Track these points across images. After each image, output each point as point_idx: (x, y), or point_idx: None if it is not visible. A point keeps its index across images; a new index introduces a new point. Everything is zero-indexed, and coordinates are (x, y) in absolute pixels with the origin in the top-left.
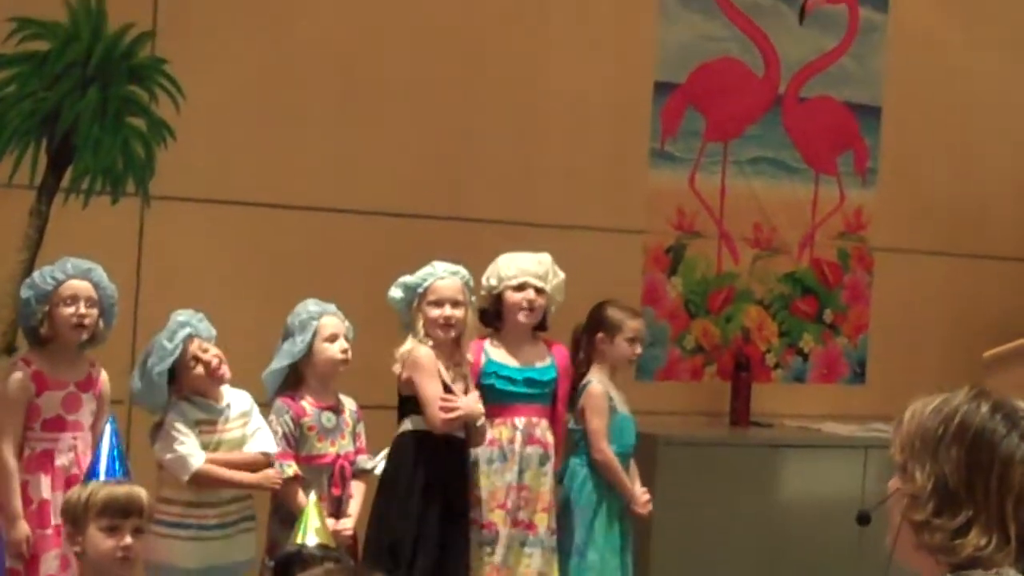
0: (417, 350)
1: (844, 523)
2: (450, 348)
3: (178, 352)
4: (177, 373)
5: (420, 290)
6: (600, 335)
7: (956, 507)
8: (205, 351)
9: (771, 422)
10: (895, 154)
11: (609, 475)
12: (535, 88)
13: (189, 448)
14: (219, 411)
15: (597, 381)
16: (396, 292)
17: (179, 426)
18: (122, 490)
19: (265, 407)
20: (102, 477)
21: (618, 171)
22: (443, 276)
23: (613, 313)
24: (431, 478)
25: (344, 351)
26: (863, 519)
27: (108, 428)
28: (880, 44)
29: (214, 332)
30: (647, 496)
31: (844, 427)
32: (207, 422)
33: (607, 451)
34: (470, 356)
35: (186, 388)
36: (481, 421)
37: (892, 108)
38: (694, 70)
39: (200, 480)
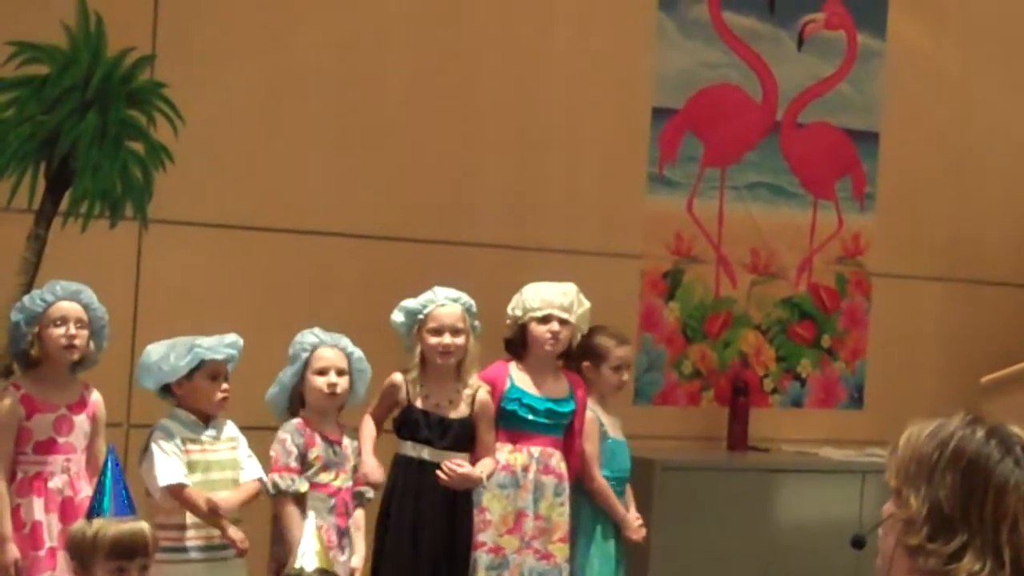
0: (391, 377)
1: (841, 548)
2: (450, 375)
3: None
4: (195, 383)
5: (420, 316)
6: (586, 364)
7: (951, 532)
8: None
9: (769, 447)
10: (893, 180)
11: (602, 500)
12: (533, 113)
13: (166, 464)
14: (205, 430)
15: (589, 408)
16: (398, 316)
17: (162, 443)
18: (127, 530)
19: (265, 430)
20: (109, 513)
21: (616, 196)
22: (443, 303)
23: (598, 341)
24: (419, 503)
25: (331, 385)
26: (858, 543)
27: (109, 460)
28: (878, 70)
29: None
30: (639, 521)
31: (842, 452)
32: (191, 440)
33: (599, 477)
34: (473, 381)
35: (191, 399)
36: (479, 488)
37: (890, 134)
38: (692, 96)
39: (174, 495)
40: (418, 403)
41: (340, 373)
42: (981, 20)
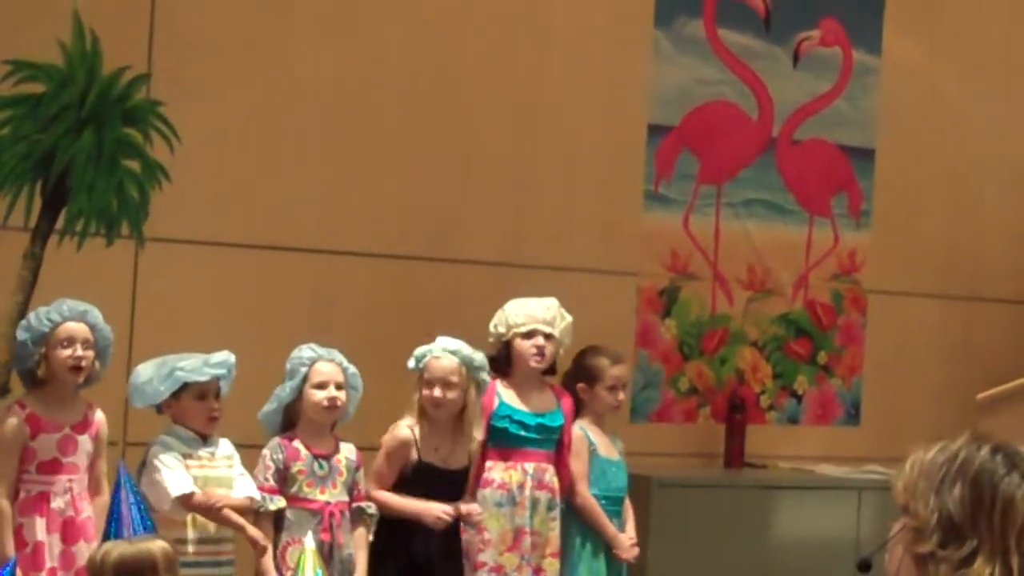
0: (392, 430)
1: (838, 565)
2: (449, 425)
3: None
4: (183, 404)
5: (420, 365)
6: (581, 384)
7: (960, 539)
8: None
9: (765, 464)
10: (889, 196)
11: (589, 518)
12: (530, 130)
13: (173, 476)
14: (203, 447)
15: (578, 426)
16: (411, 362)
17: (163, 457)
18: (131, 551)
19: (262, 448)
20: (126, 534)
21: (612, 213)
22: (438, 355)
23: (593, 361)
24: (412, 538)
25: (331, 399)
26: (864, 566)
27: (121, 480)
28: (873, 87)
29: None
30: (631, 541)
31: (838, 469)
32: (189, 456)
33: (585, 494)
34: (478, 434)
35: (182, 419)
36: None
37: (886, 150)
38: (688, 113)
39: (186, 505)
40: (429, 458)
41: (339, 387)
42: (976, 37)
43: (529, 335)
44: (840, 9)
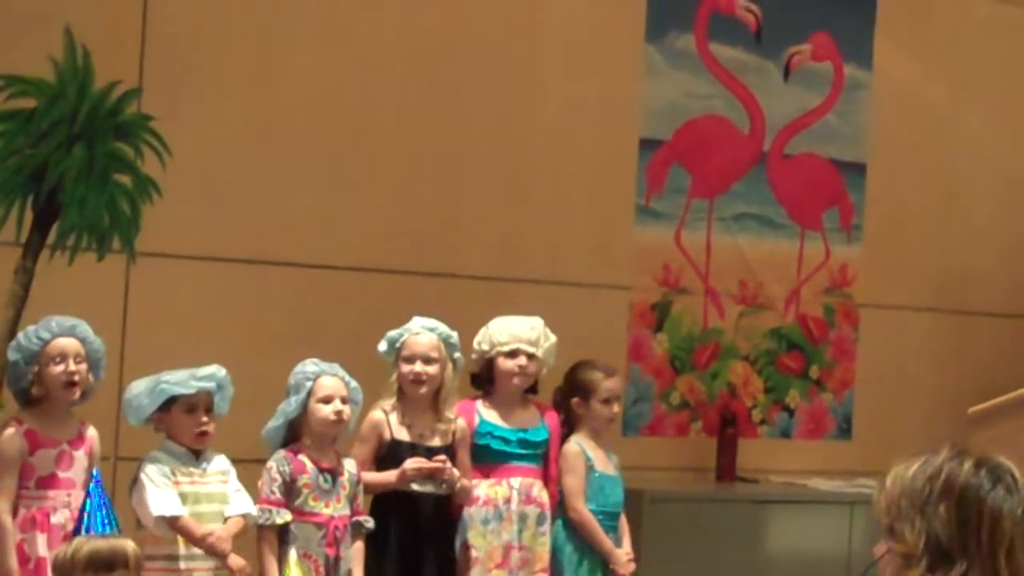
0: (370, 414)
1: None
2: (427, 405)
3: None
4: (173, 417)
5: (398, 345)
6: (575, 399)
7: (950, 562)
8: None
9: (757, 478)
10: (880, 210)
11: (585, 534)
12: (521, 144)
13: (157, 496)
14: (196, 463)
15: (574, 442)
16: (382, 345)
17: (152, 475)
18: (104, 544)
19: (255, 462)
20: (89, 532)
21: (604, 228)
22: (417, 332)
23: (586, 375)
24: (405, 534)
25: (337, 413)
26: None
27: (93, 482)
28: (865, 101)
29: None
30: (628, 557)
31: (830, 483)
32: (182, 472)
33: (582, 510)
34: (451, 414)
35: (172, 434)
36: (460, 484)
37: (877, 165)
38: (679, 127)
39: (171, 527)
40: (401, 435)
41: (344, 401)
42: (967, 52)
43: (512, 354)
44: (831, 23)
